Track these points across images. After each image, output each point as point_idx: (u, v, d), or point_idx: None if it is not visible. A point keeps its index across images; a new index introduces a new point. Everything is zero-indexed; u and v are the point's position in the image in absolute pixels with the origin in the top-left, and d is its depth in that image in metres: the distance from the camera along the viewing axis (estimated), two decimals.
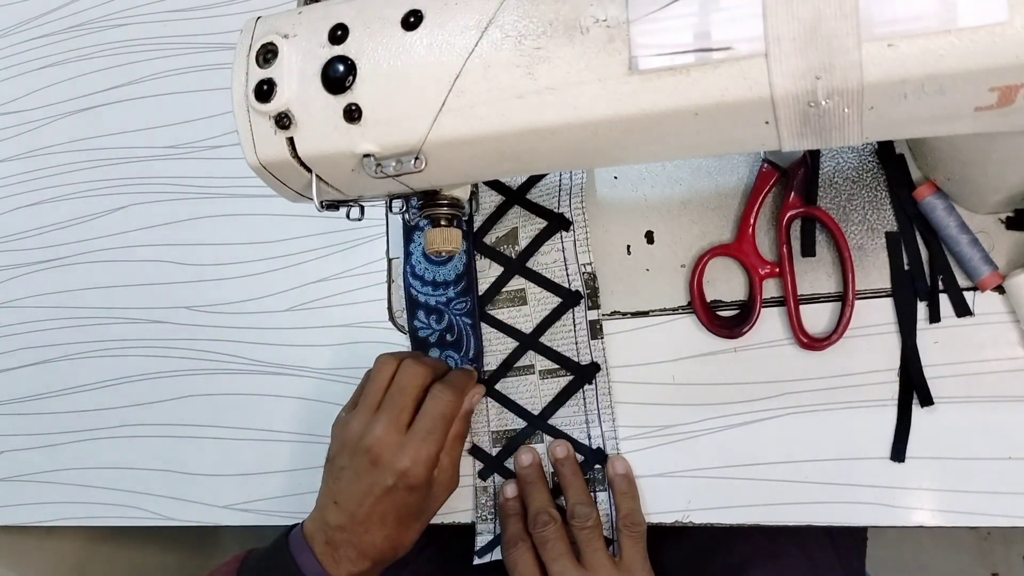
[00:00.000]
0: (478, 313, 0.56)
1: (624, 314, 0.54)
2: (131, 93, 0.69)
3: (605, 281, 0.54)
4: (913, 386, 0.48)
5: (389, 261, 0.60)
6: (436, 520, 0.56)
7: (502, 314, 0.56)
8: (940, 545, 1.18)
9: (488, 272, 0.56)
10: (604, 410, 0.53)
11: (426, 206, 0.45)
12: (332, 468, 0.50)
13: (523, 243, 0.56)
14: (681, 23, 0.32)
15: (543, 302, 0.55)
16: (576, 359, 0.54)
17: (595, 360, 0.53)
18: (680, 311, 0.53)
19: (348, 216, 0.44)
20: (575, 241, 0.54)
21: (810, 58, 0.30)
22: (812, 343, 0.49)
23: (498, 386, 0.55)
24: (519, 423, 0.54)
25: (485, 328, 0.56)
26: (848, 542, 0.62)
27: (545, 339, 0.55)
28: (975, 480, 0.47)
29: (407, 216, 0.48)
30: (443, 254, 0.46)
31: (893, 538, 1.18)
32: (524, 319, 0.55)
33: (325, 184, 0.40)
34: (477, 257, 0.56)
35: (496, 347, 0.55)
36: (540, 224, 0.55)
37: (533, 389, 0.54)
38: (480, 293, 0.56)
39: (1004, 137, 0.38)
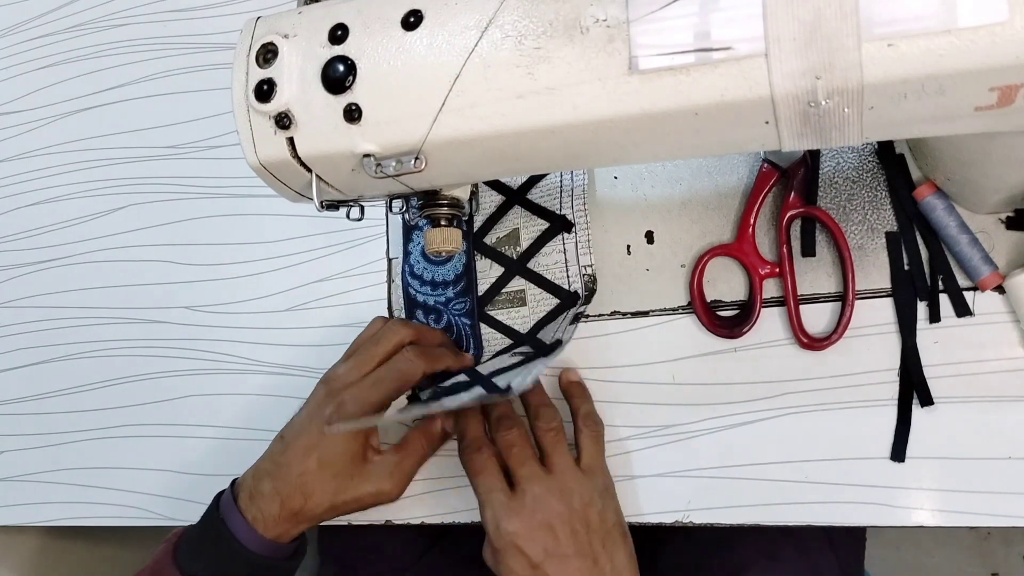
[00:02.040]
0: (477, 313, 0.56)
1: (624, 314, 0.54)
2: (131, 93, 0.69)
3: (605, 281, 0.54)
4: (913, 386, 0.48)
5: (389, 261, 0.60)
6: (436, 520, 0.56)
7: (501, 315, 0.56)
8: (940, 545, 1.18)
9: (489, 272, 0.56)
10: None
11: (426, 206, 0.45)
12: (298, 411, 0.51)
13: (524, 244, 0.56)
14: (681, 23, 0.32)
15: (542, 303, 0.55)
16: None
17: (561, 338, 0.51)
18: (680, 311, 0.53)
19: (348, 216, 0.44)
20: (576, 243, 0.54)
21: (810, 58, 0.30)
22: (812, 343, 0.49)
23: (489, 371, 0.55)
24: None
25: (483, 329, 0.56)
26: (847, 542, 0.62)
27: (541, 335, 0.55)
28: (975, 480, 0.47)
29: (407, 216, 0.48)
30: (443, 254, 0.46)
31: (893, 538, 1.18)
32: (522, 320, 0.55)
33: (325, 184, 0.41)
34: (478, 257, 0.56)
35: (494, 348, 0.55)
36: (542, 225, 0.55)
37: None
38: (480, 293, 0.56)
39: (1004, 137, 0.38)
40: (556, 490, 0.46)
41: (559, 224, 0.55)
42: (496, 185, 0.57)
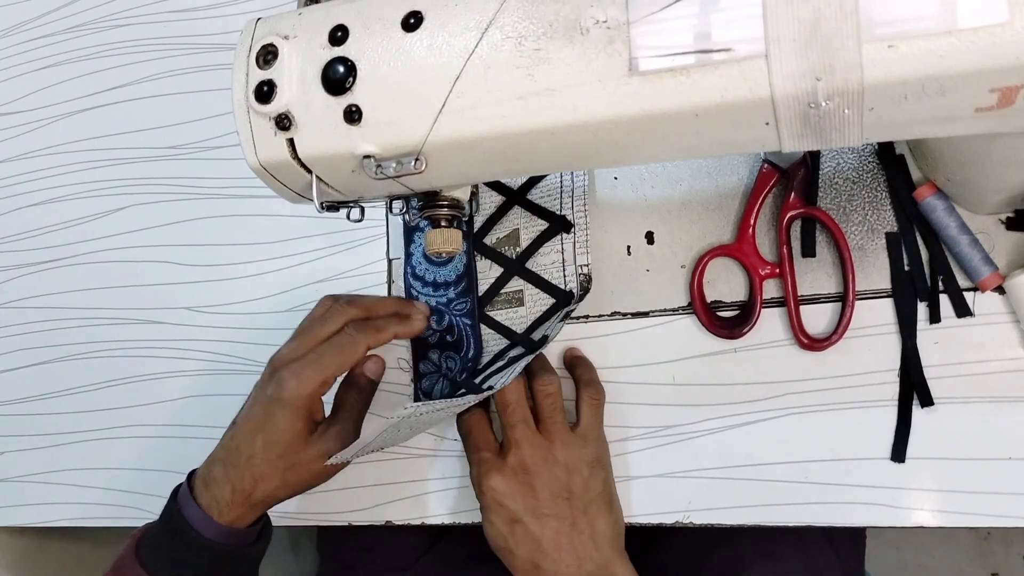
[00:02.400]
0: (478, 314, 0.56)
1: (624, 314, 0.54)
2: (132, 93, 0.69)
3: (605, 281, 0.54)
4: (913, 386, 0.48)
5: (389, 262, 0.60)
6: (436, 520, 0.56)
7: (500, 316, 0.56)
8: (940, 545, 1.18)
9: (488, 273, 0.56)
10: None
11: (426, 207, 0.45)
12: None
13: (524, 244, 0.56)
14: (681, 24, 0.32)
15: (538, 303, 0.55)
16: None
17: (547, 334, 0.52)
18: (680, 311, 0.53)
19: (348, 217, 0.44)
20: (575, 243, 0.54)
21: (810, 59, 0.30)
22: (812, 343, 0.49)
23: (485, 376, 0.55)
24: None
25: (483, 330, 0.56)
26: (847, 542, 0.62)
27: (535, 336, 0.55)
28: (975, 480, 0.47)
29: (407, 217, 0.48)
30: (443, 255, 0.46)
31: (893, 538, 1.18)
32: (520, 320, 0.55)
33: (325, 185, 0.41)
34: (478, 258, 0.56)
35: (492, 348, 0.56)
36: (542, 225, 0.55)
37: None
38: (480, 294, 0.56)
39: (1004, 138, 0.38)
40: (541, 457, 0.48)
41: (558, 224, 0.55)
42: (496, 186, 0.57)
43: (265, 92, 0.37)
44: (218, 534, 0.48)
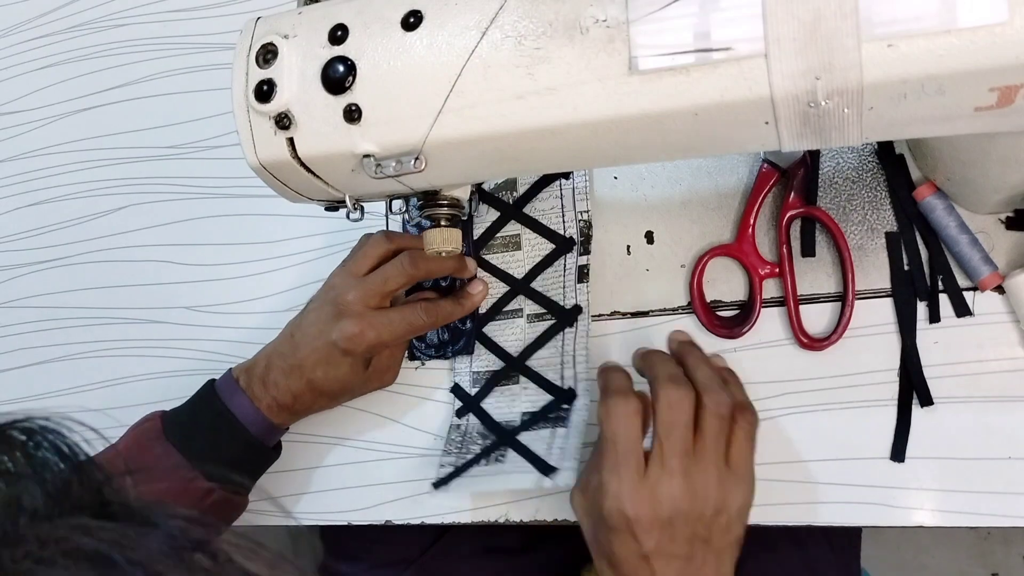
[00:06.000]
0: (473, 257, 0.56)
1: (624, 314, 0.54)
2: (131, 93, 0.69)
3: (605, 281, 0.54)
4: (913, 386, 0.48)
5: None
6: (436, 520, 0.56)
7: (496, 259, 0.56)
8: (940, 545, 1.18)
9: (485, 217, 0.57)
10: (579, 352, 0.53)
11: (426, 206, 0.45)
12: (305, 309, 0.54)
13: (521, 190, 0.56)
14: (681, 23, 0.32)
15: (537, 248, 0.55)
16: (563, 303, 0.54)
17: (579, 303, 0.53)
18: (680, 311, 0.53)
19: (348, 216, 0.44)
20: (574, 189, 0.54)
21: (810, 58, 0.30)
22: (812, 343, 0.49)
23: (486, 329, 0.56)
24: (500, 364, 0.55)
25: (480, 273, 0.56)
26: (843, 539, 0.62)
27: (536, 284, 0.55)
28: (975, 480, 0.47)
29: (407, 217, 0.48)
30: (443, 255, 0.46)
31: (893, 538, 1.18)
32: (517, 264, 0.56)
33: (325, 184, 0.41)
34: (475, 202, 0.55)
35: (490, 293, 0.56)
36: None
37: (519, 333, 0.55)
38: (476, 238, 0.56)
39: (1004, 137, 0.38)
40: (692, 494, 0.41)
41: (557, 173, 0.55)
42: None
43: (265, 91, 0.37)
44: (261, 430, 0.51)
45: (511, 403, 0.55)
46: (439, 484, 0.53)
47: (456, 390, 0.56)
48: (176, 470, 0.49)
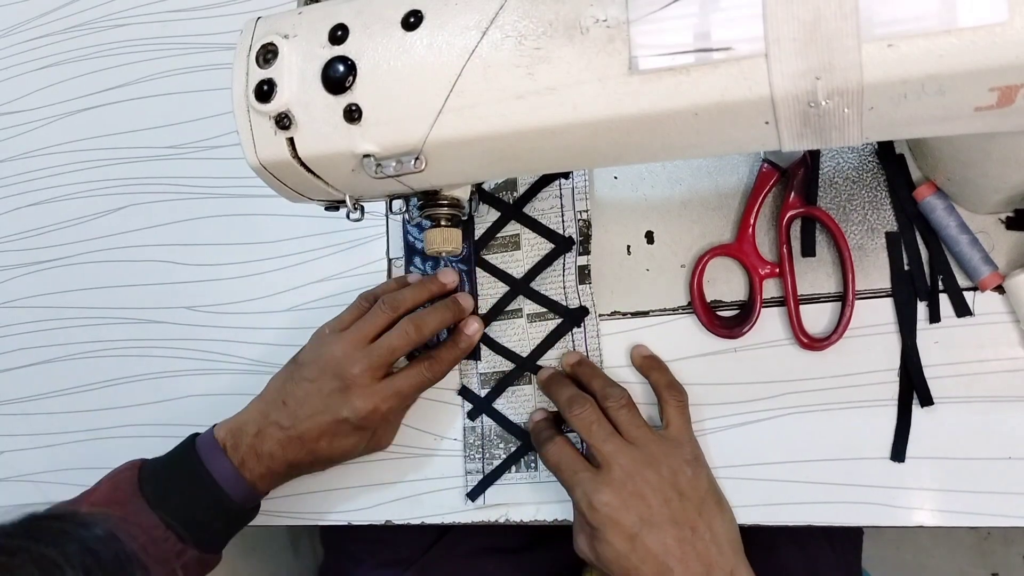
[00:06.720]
0: (474, 259, 0.56)
1: (624, 314, 0.54)
2: (131, 93, 0.69)
3: (605, 281, 0.54)
4: (913, 386, 0.48)
5: (389, 261, 0.60)
6: (436, 520, 0.56)
7: (495, 259, 0.56)
8: (940, 545, 1.18)
9: (486, 217, 0.57)
10: (592, 352, 0.54)
11: (426, 206, 0.45)
12: (295, 374, 0.52)
13: (521, 190, 0.56)
14: (681, 23, 0.32)
15: (536, 247, 0.56)
16: (564, 303, 0.54)
17: (583, 304, 0.54)
18: (680, 311, 0.53)
19: (348, 216, 0.44)
20: (573, 188, 0.55)
21: (810, 58, 0.30)
22: (812, 343, 0.49)
23: (488, 330, 0.56)
24: (507, 365, 0.55)
25: (479, 274, 0.57)
26: (844, 539, 0.62)
27: (535, 284, 0.55)
28: (975, 480, 0.47)
29: (407, 217, 0.48)
30: (443, 254, 0.46)
31: (893, 538, 1.18)
32: (516, 264, 0.56)
33: (325, 184, 0.41)
34: (475, 202, 0.56)
35: (487, 291, 0.56)
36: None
37: (521, 333, 0.55)
38: (476, 238, 0.57)
39: (1004, 137, 0.38)
40: (642, 460, 0.46)
41: (557, 173, 0.55)
42: None
43: (265, 91, 0.37)
44: (242, 494, 0.51)
45: (525, 405, 0.55)
46: (474, 496, 0.54)
47: (464, 392, 0.56)
48: (151, 529, 0.48)
